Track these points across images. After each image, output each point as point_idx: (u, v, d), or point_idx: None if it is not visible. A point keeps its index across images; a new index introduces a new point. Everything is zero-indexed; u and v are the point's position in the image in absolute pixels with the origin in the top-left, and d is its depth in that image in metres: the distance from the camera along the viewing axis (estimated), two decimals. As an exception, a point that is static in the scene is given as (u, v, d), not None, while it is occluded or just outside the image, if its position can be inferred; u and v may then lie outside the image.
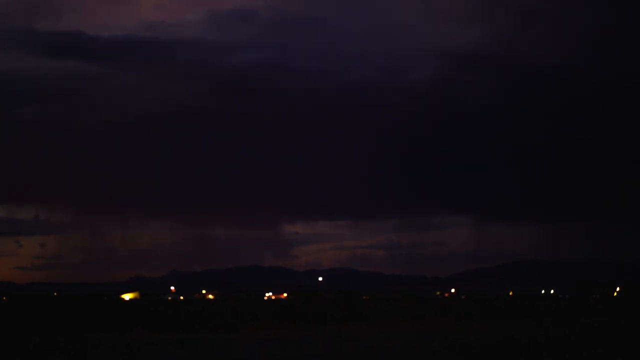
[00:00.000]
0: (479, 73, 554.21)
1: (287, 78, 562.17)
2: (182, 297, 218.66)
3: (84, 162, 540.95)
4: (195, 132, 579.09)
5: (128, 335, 67.33)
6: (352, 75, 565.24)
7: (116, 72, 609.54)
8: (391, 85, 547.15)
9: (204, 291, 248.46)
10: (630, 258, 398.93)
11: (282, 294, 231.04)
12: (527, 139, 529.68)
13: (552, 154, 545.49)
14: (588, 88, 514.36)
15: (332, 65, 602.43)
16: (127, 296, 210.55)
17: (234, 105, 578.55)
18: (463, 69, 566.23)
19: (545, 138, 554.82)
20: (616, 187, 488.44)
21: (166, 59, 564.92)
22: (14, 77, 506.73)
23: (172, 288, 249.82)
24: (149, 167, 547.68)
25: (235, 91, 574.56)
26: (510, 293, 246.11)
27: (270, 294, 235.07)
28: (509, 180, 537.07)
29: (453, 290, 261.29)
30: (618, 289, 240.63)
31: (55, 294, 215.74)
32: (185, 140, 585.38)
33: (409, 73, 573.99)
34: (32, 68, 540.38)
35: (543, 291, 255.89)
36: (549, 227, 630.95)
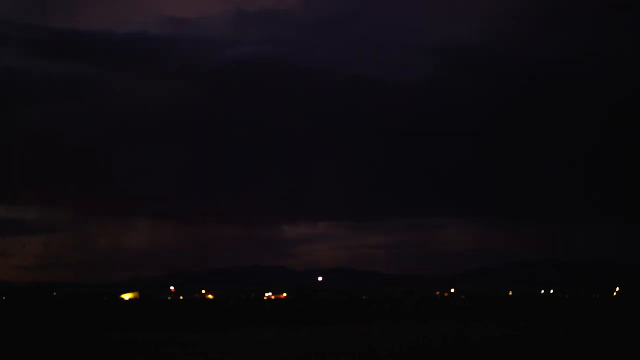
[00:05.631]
0: (481, 72, 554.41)
1: (283, 76, 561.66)
2: (182, 297, 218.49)
3: (85, 162, 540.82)
4: (194, 131, 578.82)
5: (128, 335, 67.33)
6: (355, 74, 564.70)
7: (115, 70, 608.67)
8: (393, 84, 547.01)
9: (203, 291, 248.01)
10: (629, 258, 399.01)
11: (282, 294, 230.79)
12: (527, 139, 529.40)
13: (553, 154, 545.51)
14: (591, 89, 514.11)
15: (338, 64, 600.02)
16: (127, 296, 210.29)
17: (230, 105, 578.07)
18: (466, 68, 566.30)
19: (546, 138, 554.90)
20: (616, 188, 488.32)
21: (164, 56, 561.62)
22: (17, 76, 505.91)
23: (172, 288, 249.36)
24: (149, 167, 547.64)
25: (229, 90, 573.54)
26: (510, 293, 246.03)
27: (270, 294, 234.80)
28: (509, 181, 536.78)
29: (453, 290, 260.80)
30: (617, 289, 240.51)
31: (54, 293, 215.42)
32: (185, 140, 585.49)
33: (410, 72, 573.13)
34: (33, 67, 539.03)
35: (543, 291, 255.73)
36: (549, 228, 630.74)
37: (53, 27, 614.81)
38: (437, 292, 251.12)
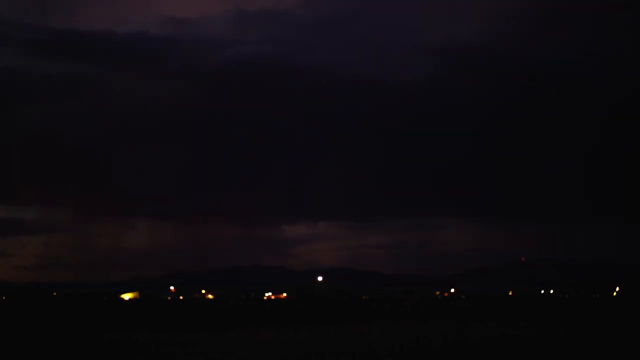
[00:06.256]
0: (481, 72, 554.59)
1: (283, 76, 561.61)
2: (182, 297, 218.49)
3: (85, 162, 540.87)
4: (194, 131, 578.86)
5: (128, 335, 67.30)
6: (355, 74, 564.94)
7: (115, 70, 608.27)
8: (393, 84, 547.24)
9: (203, 291, 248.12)
10: (629, 258, 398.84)
11: (282, 294, 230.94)
12: (527, 139, 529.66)
13: (553, 154, 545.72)
14: (591, 89, 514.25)
15: (338, 64, 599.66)
16: (127, 296, 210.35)
17: (230, 104, 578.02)
18: (466, 68, 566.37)
19: (546, 138, 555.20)
20: (616, 188, 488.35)
21: (164, 56, 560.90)
22: (17, 76, 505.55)
23: (172, 288, 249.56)
24: (149, 167, 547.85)
25: (229, 90, 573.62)
26: (510, 293, 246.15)
27: (270, 294, 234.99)
28: (510, 181, 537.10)
29: (453, 290, 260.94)
30: (617, 289, 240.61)
31: (54, 293, 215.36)
32: (185, 140, 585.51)
33: (410, 72, 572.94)
34: (33, 67, 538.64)
35: (543, 291, 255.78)
36: (549, 228, 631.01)
37: (53, 27, 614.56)
38: (437, 292, 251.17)
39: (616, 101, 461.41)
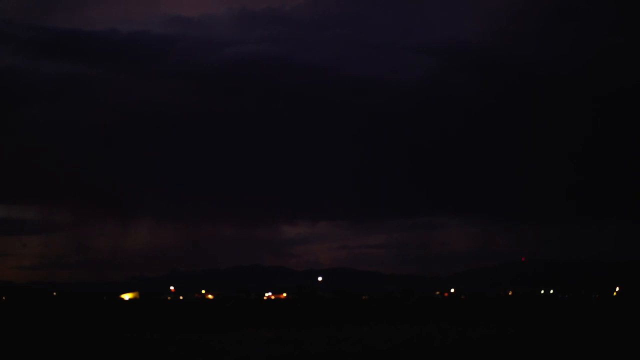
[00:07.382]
0: (481, 71, 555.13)
1: (284, 76, 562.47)
2: (181, 297, 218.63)
3: (85, 163, 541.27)
4: (194, 130, 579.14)
5: (128, 335, 67.30)
6: (355, 73, 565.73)
7: (116, 70, 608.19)
8: (393, 84, 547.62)
9: (203, 291, 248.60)
10: (629, 258, 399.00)
11: (282, 294, 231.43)
12: (527, 139, 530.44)
13: (552, 154, 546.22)
14: (590, 88, 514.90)
15: (339, 63, 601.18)
16: (126, 296, 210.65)
17: (231, 104, 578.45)
18: (466, 68, 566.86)
19: (545, 138, 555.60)
20: (616, 188, 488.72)
21: (166, 56, 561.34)
22: (18, 76, 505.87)
23: (172, 288, 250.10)
24: (149, 168, 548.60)
25: (230, 89, 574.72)
26: (510, 293, 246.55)
27: (270, 294, 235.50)
28: (509, 181, 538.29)
29: (453, 290, 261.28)
30: (617, 289, 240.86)
31: (54, 293, 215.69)
32: (186, 139, 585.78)
33: (410, 72, 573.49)
34: (34, 67, 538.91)
35: (543, 291, 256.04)
36: (549, 228, 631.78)
37: (54, 27, 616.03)
38: (437, 292, 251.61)
39: (615, 100, 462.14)
